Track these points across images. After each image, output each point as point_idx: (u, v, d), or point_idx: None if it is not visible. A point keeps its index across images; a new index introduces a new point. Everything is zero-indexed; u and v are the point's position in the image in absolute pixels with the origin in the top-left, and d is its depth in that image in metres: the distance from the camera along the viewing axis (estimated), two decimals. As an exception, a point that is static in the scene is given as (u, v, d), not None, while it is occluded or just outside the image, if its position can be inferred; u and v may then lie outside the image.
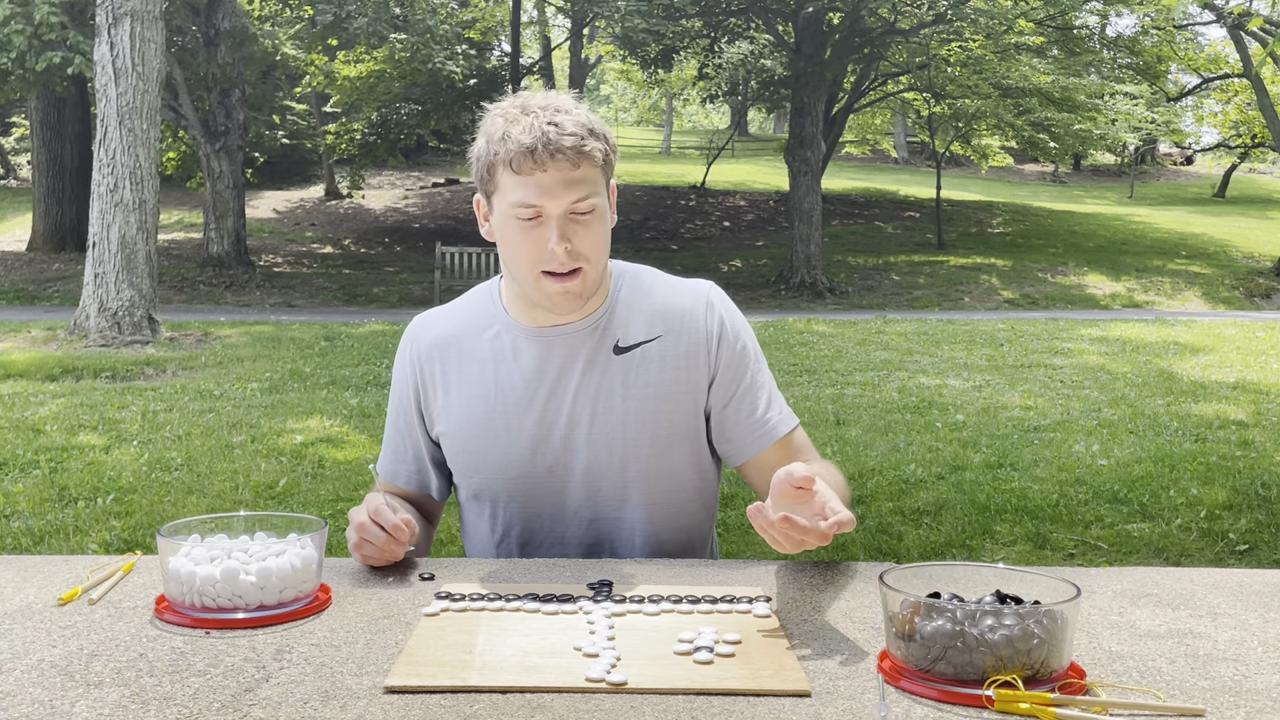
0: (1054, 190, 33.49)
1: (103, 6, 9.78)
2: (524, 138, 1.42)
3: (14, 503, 4.79)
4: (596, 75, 36.81)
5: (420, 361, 1.63)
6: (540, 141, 1.42)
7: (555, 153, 1.42)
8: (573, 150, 1.43)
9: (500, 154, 1.44)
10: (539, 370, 1.56)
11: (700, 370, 1.58)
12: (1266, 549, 4.33)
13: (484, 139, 1.48)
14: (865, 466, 5.61)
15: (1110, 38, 19.73)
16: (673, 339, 1.57)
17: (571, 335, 1.56)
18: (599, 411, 1.55)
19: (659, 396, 1.56)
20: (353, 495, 4.98)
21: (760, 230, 23.27)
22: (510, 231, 1.48)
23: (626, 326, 1.57)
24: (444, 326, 1.64)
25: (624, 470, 1.56)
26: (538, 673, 1.05)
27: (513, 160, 1.43)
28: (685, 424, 1.58)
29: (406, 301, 15.81)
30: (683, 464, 1.59)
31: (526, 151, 1.42)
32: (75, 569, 1.38)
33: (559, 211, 1.44)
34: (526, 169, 1.43)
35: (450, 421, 1.61)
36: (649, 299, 1.60)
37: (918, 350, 10.35)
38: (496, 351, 1.59)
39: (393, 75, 19.76)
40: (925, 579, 1.14)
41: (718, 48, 19.51)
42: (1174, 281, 18.13)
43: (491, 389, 1.58)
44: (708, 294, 1.61)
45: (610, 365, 1.56)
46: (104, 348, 9.49)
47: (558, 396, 1.56)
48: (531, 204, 1.44)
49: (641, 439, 1.56)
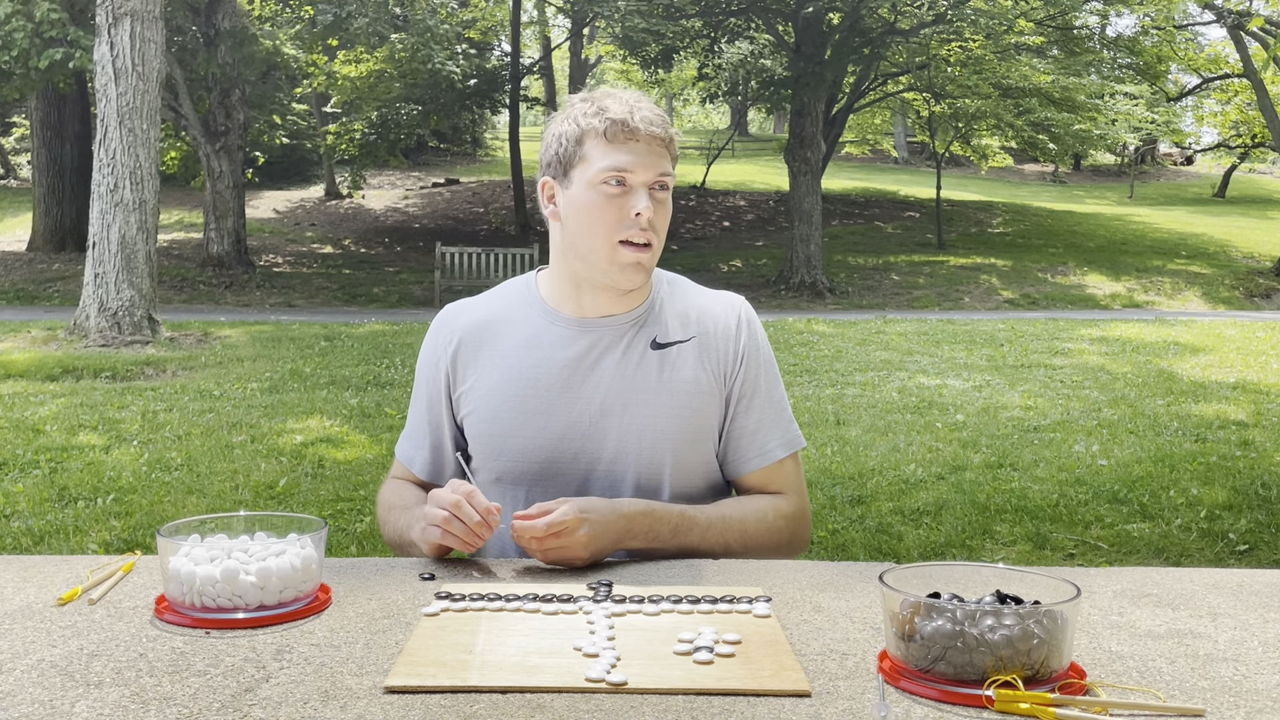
0: (1054, 190, 33.49)
1: (103, 6, 9.78)
2: (620, 110, 1.53)
3: (14, 503, 4.79)
4: (596, 75, 36.79)
5: (453, 345, 1.66)
6: (635, 114, 1.53)
7: (649, 125, 1.53)
8: (662, 127, 1.54)
9: (595, 125, 1.53)
10: (576, 358, 1.60)
11: (724, 379, 1.63)
12: (1266, 549, 4.33)
13: (567, 120, 1.57)
14: (865, 466, 5.61)
15: (1110, 38, 19.73)
16: (705, 343, 1.63)
17: (614, 326, 1.61)
18: (632, 401, 1.59)
19: (690, 394, 1.60)
20: (352, 495, 4.98)
21: (760, 230, 23.28)
22: (593, 199, 1.54)
23: (666, 325, 1.63)
24: (479, 312, 1.69)
25: (650, 462, 1.59)
26: (538, 673, 1.05)
27: (607, 130, 1.52)
28: (708, 425, 1.63)
29: (406, 301, 15.80)
30: (701, 463, 1.63)
31: (622, 122, 1.52)
32: (75, 569, 1.38)
33: (646, 180, 1.53)
34: (620, 138, 1.52)
35: (478, 402, 1.63)
36: (687, 302, 1.67)
37: (918, 350, 10.35)
38: (532, 336, 1.62)
39: (393, 75, 19.77)
40: (925, 579, 1.14)
41: (718, 48, 19.51)
42: (1174, 281, 18.13)
43: (525, 373, 1.60)
44: (740, 309, 1.68)
45: (647, 358, 1.60)
46: (104, 348, 9.49)
47: (592, 383, 1.59)
48: (623, 169, 1.52)
49: (671, 432, 1.59)
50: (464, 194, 26.01)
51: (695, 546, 1.53)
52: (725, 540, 1.55)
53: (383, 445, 6.00)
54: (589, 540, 1.42)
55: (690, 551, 1.52)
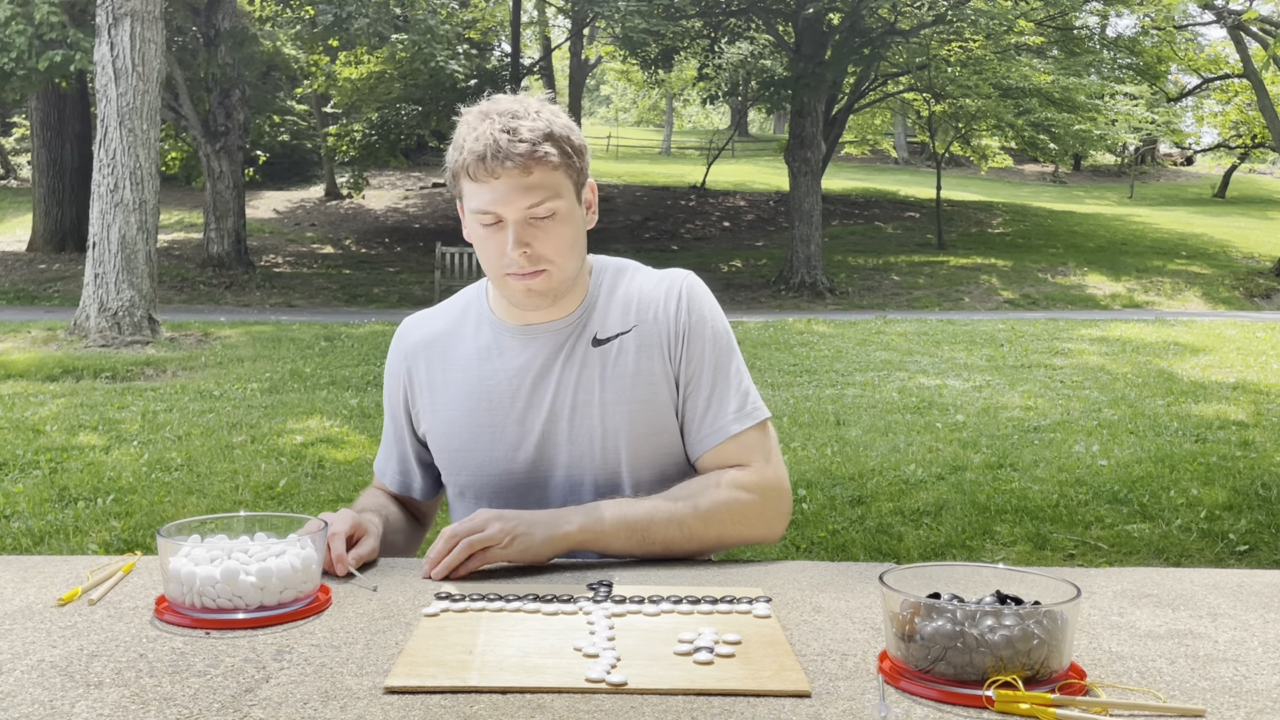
0: (1054, 190, 33.50)
1: (103, 7, 9.78)
2: (476, 146, 1.45)
3: (14, 503, 4.79)
4: (596, 75, 36.81)
5: (408, 361, 1.66)
6: (490, 150, 1.44)
7: (505, 159, 1.44)
8: (523, 157, 1.44)
9: (458, 162, 1.48)
10: (522, 367, 1.57)
11: (667, 361, 1.57)
12: (1266, 549, 4.33)
13: (452, 145, 1.52)
14: (865, 466, 5.61)
15: (1110, 38, 19.75)
16: (645, 329, 1.57)
17: (554, 332, 1.57)
18: (579, 405, 1.56)
19: (634, 386, 1.55)
20: (352, 495, 4.98)
21: (760, 230, 23.28)
22: (476, 236, 1.52)
23: (605, 319, 1.58)
24: (431, 326, 1.67)
25: (605, 464, 1.56)
26: (538, 673, 1.05)
27: (469, 168, 1.47)
28: (662, 415, 1.56)
29: (406, 302, 15.80)
30: (665, 456, 1.57)
31: (479, 160, 1.45)
32: (75, 569, 1.38)
33: (515, 217, 1.46)
34: (481, 176, 1.46)
35: (435, 418, 1.62)
36: (627, 292, 1.60)
37: (918, 350, 10.35)
38: (481, 349, 1.60)
39: (393, 76, 19.78)
40: (925, 579, 1.13)
41: (718, 48, 19.52)
42: (1174, 282, 18.13)
43: (476, 386, 1.59)
44: (680, 284, 1.59)
45: (589, 358, 1.56)
46: (104, 348, 9.49)
47: (539, 392, 1.56)
48: (488, 210, 1.47)
49: (620, 430, 1.55)
50: (464, 194, 25.99)
51: (621, 544, 1.47)
52: (659, 525, 1.47)
53: (383, 445, 6.00)
54: (513, 529, 1.40)
55: (641, 545, 1.47)
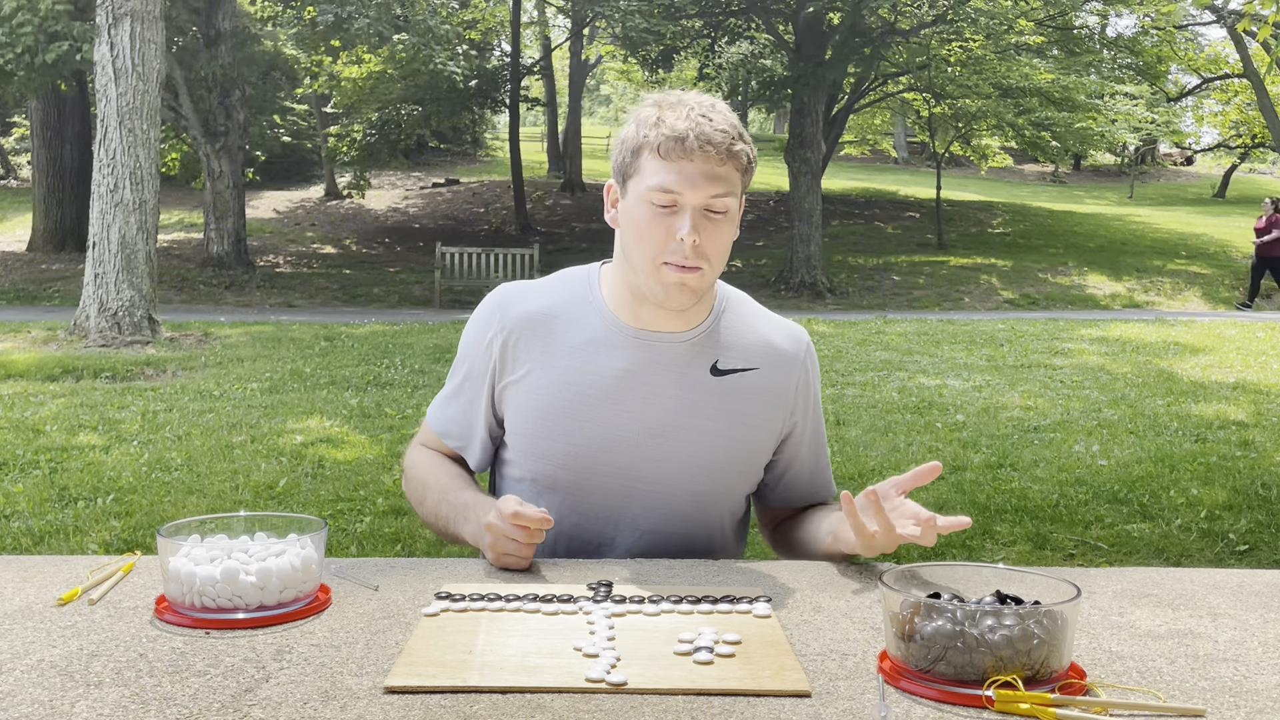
0: (1054, 190, 33.49)
1: (103, 7, 9.78)
2: (678, 124, 1.43)
3: (14, 503, 4.79)
4: (596, 75, 36.81)
5: (508, 333, 1.57)
6: (694, 131, 1.42)
7: (705, 144, 1.42)
8: (722, 146, 1.43)
9: (650, 137, 1.44)
10: (632, 372, 1.53)
11: (783, 416, 1.60)
12: (1266, 549, 4.33)
13: (634, 124, 1.49)
14: (865, 466, 5.61)
15: (1110, 38, 19.74)
16: (767, 375, 1.58)
17: (672, 345, 1.54)
18: (686, 427, 1.53)
19: (746, 426, 1.56)
20: (352, 495, 4.98)
21: (760, 230, 23.26)
22: (641, 216, 1.46)
23: (727, 350, 1.56)
24: (536, 302, 1.58)
25: (695, 489, 1.55)
26: (538, 673, 1.05)
27: (661, 145, 1.43)
28: (760, 459, 1.61)
29: (406, 302, 15.80)
30: (735, 491, 1.62)
31: (677, 139, 1.42)
32: (75, 569, 1.38)
33: (696, 203, 1.44)
34: (674, 155, 1.43)
35: (524, 399, 1.55)
36: (751, 328, 1.60)
37: (918, 350, 10.35)
38: (590, 339, 1.54)
39: (393, 76, 19.77)
40: (925, 579, 1.14)
41: (718, 48, 19.52)
42: (1174, 281, 18.13)
43: (577, 377, 1.53)
44: (806, 343, 1.64)
45: (707, 384, 1.54)
46: (104, 348, 9.49)
47: (646, 402, 1.53)
48: (671, 189, 1.43)
49: (723, 463, 1.56)
50: (464, 194, 26.02)
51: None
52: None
53: (383, 445, 6.00)
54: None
55: None
